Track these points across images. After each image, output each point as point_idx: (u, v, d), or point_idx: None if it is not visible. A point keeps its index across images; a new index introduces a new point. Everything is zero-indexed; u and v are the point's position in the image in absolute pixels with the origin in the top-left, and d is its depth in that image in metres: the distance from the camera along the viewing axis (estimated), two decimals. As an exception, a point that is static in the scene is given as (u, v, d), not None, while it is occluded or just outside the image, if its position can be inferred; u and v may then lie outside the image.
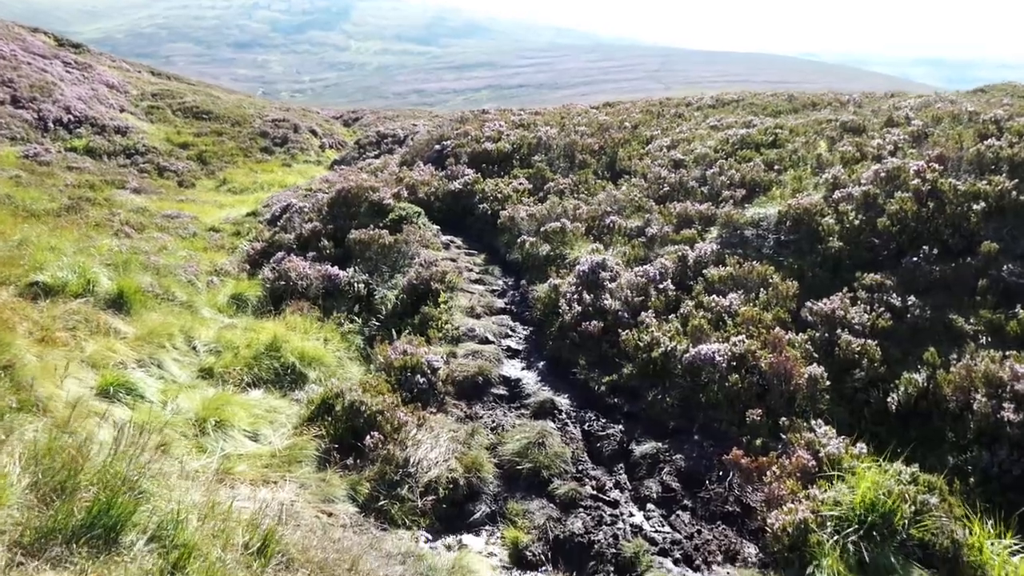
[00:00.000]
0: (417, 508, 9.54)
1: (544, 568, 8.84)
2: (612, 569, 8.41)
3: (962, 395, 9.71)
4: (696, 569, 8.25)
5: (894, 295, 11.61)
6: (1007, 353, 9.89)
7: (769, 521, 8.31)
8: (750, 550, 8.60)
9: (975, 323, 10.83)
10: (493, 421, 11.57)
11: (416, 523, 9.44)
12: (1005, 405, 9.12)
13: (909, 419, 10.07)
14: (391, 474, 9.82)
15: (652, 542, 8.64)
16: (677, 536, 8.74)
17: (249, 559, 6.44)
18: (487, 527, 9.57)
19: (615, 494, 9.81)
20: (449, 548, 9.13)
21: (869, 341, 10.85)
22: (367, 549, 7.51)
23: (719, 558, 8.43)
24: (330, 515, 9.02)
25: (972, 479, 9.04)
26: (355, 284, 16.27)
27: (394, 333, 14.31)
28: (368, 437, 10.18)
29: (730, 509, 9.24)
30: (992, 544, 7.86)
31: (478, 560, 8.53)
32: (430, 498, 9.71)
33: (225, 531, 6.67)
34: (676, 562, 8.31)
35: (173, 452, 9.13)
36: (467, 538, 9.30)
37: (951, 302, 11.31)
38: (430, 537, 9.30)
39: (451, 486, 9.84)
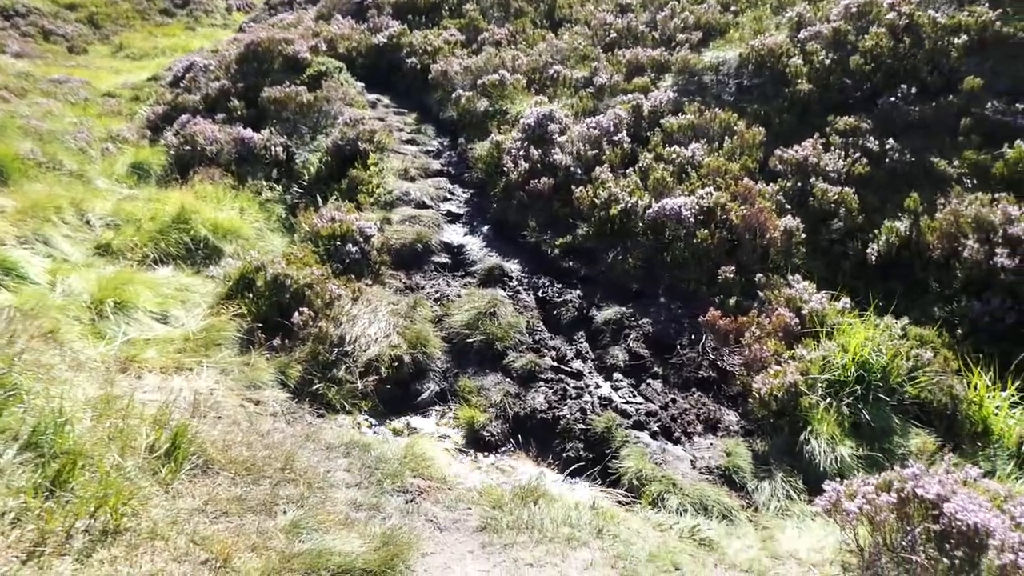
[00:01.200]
0: (357, 390, 8.43)
1: (505, 448, 7.93)
2: (582, 446, 7.54)
3: (948, 242, 8.92)
4: (676, 441, 7.43)
5: (870, 139, 10.64)
6: (995, 196, 9.09)
7: (754, 386, 7.49)
8: (731, 417, 7.82)
9: (959, 166, 9.97)
10: (436, 292, 10.39)
11: (357, 407, 8.36)
12: (998, 251, 8.36)
13: (890, 271, 9.30)
14: (325, 354, 8.62)
15: (624, 415, 7.76)
16: (651, 407, 7.88)
17: (155, 464, 5.23)
18: (437, 407, 8.56)
19: (578, 365, 8.87)
20: (397, 433, 8.11)
21: (846, 189, 9.92)
22: (302, 442, 6.38)
23: (699, 428, 7.63)
24: (257, 403, 7.83)
25: (960, 330, 8.37)
26: (272, 147, 14.48)
27: (320, 200, 12.79)
28: (296, 314, 8.88)
29: (705, 375, 8.41)
30: (991, 396, 7.22)
31: (431, 445, 7.53)
32: (371, 379, 8.60)
33: (124, 432, 5.43)
34: (653, 435, 7.47)
35: (63, 339, 7.71)
36: (416, 420, 8.28)
37: (932, 144, 10.41)
38: (374, 422, 8.25)
39: (394, 364, 8.72)
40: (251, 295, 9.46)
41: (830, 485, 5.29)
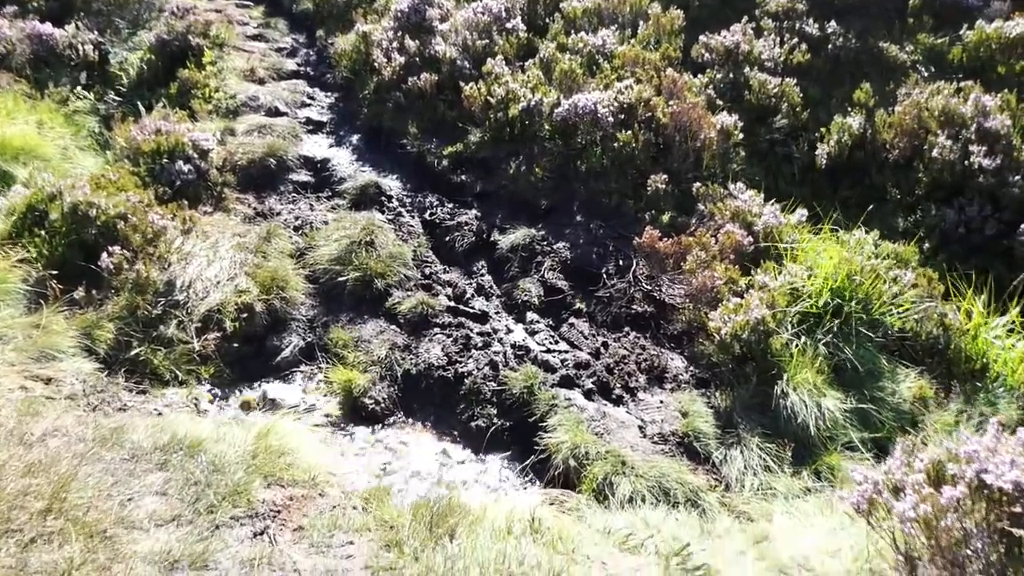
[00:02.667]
0: (194, 352, 6.33)
1: (395, 419, 6.09)
2: (496, 413, 5.80)
3: (910, 140, 7.55)
4: (617, 401, 5.79)
5: (808, 21, 9.09)
6: (960, 84, 7.76)
7: (711, 324, 5.91)
8: (677, 363, 6.26)
9: (912, 51, 8.61)
10: (297, 218, 8.23)
11: (195, 375, 6.28)
12: (973, 148, 7.04)
13: (841, 176, 7.89)
14: (148, 307, 6.42)
15: (547, 368, 6.05)
16: (580, 355, 6.19)
17: None
18: (303, 368, 6.58)
19: (481, 304, 7.04)
20: (249, 407, 6.10)
21: (786, 80, 8.36)
22: (95, 449, 4.29)
23: (642, 380, 6.02)
24: (48, 382, 5.64)
25: (928, 244, 7.08)
26: (80, 46, 11.51)
27: (143, 109, 10.17)
28: (106, 256, 6.57)
29: (640, 310, 6.78)
30: (987, 325, 5.95)
31: (295, 426, 5.60)
32: (213, 336, 6.50)
33: None
34: (588, 394, 5.79)
35: None
36: (275, 388, 6.28)
37: (878, 27, 8.96)
38: (218, 394, 6.21)
39: (243, 315, 6.63)
40: (43, 232, 7.02)
41: (860, 474, 3.76)
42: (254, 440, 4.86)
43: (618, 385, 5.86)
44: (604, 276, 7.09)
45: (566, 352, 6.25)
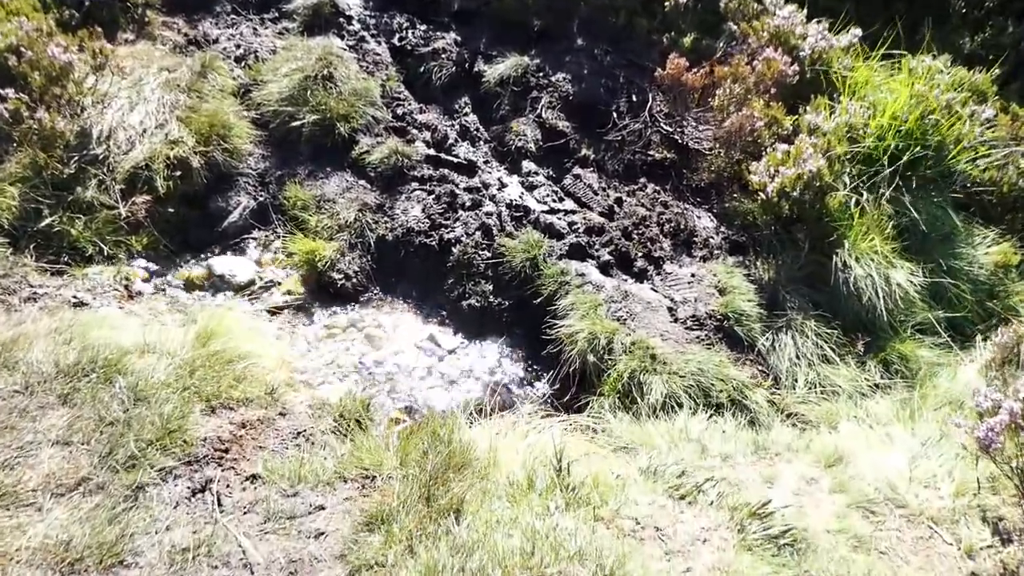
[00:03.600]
0: (121, 220, 5.19)
1: (369, 296, 5.10)
2: (492, 289, 4.82)
3: (984, -62, 6.17)
4: (640, 275, 4.81)
5: None
6: None
7: (754, 179, 4.82)
8: (706, 223, 5.24)
9: None
10: (239, 46, 6.77)
11: (124, 247, 5.18)
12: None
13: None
14: (58, 165, 5.20)
15: (552, 233, 5.00)
16: (591, 217, 5.13)
17: None
18: (256, 235, 5.48)
19: (467, 151, 5.86)
20: (193, 287, 5.06)
21: None
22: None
23: (666, 247, 5.01)
24: (-68, 263, 4.56)
25: (999, 69, 5.89)
26: None
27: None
28: None
29: (658, 156, 5.66)
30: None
31: (246, 315, 4.61)
32: (143, 199, 5.33)
33: None
34: (605, 268, 4.79)
35: None
36: (223, 262, 5.20)
37: None
38: (154, 270, 5.14)
39: (178, 171, 5.42)
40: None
41: (987, 398, 2.87)
42: (194, 343, 3.85)
43: (639, 254, 4.85)
44: (614, 115, 5.88)
45: (573, 212, 5.17)
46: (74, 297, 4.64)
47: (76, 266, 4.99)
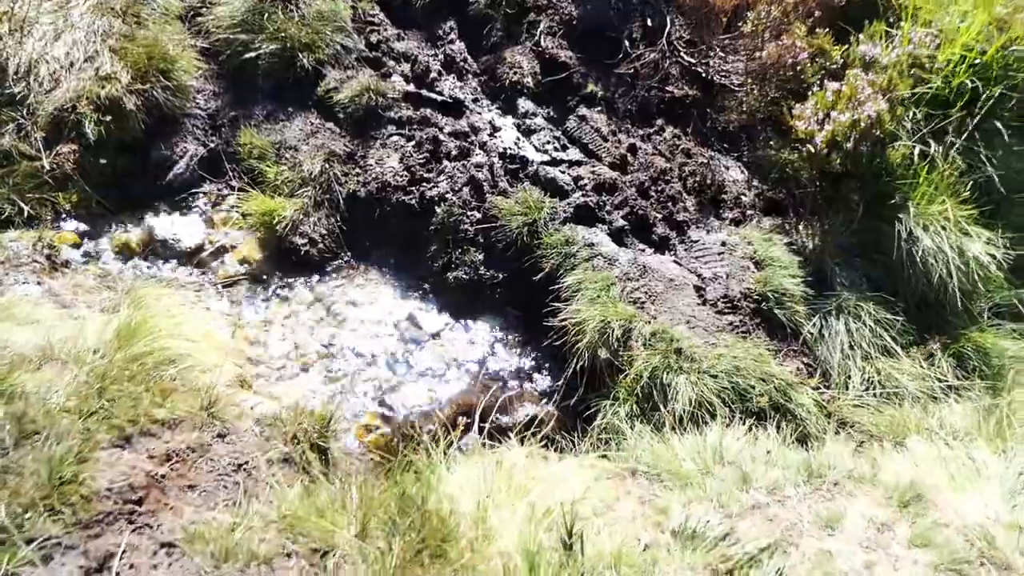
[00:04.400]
0: (45, 173, 4.40)
1: (339, 266, 4.33)
2: (483, 260, 4.05)
3: None
4: (661, 244, 4.03)
5: None
6: None
7: (799, 126, 3.99)
8: (735, 176, 4.43)
9: None
10: (186, -43, 5.77)
11: (49, 206, 4.41)
12: None
13: None
14: None
15: (555, 189, 4.19)
16: (601, 171, 4.30)
17: None
18: (206, 188, 4.67)
19: (453, 87, 4.98)
20: (126, 251, 4.30)
21: None
22: None
23: (690, 207, 4.21)
24: None
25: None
26: None
27: None
28: None
29: (678, 93, 4.81)
30: None
31: (193, 283, 3.87)
32: (69, 148, 4.50)
33: None
34: (619, 235, 4.00)
35: None
36: (164, 222, 4.41)
37: None
38: (85, 231, 4.37)
39: (109, 114, 4.56)
40: None
41: None
42: (114, 342, 3.10)
43: (659, 217, 4.06)
44: (626, 43, 4.99)
45: (579, 163, 4.35)
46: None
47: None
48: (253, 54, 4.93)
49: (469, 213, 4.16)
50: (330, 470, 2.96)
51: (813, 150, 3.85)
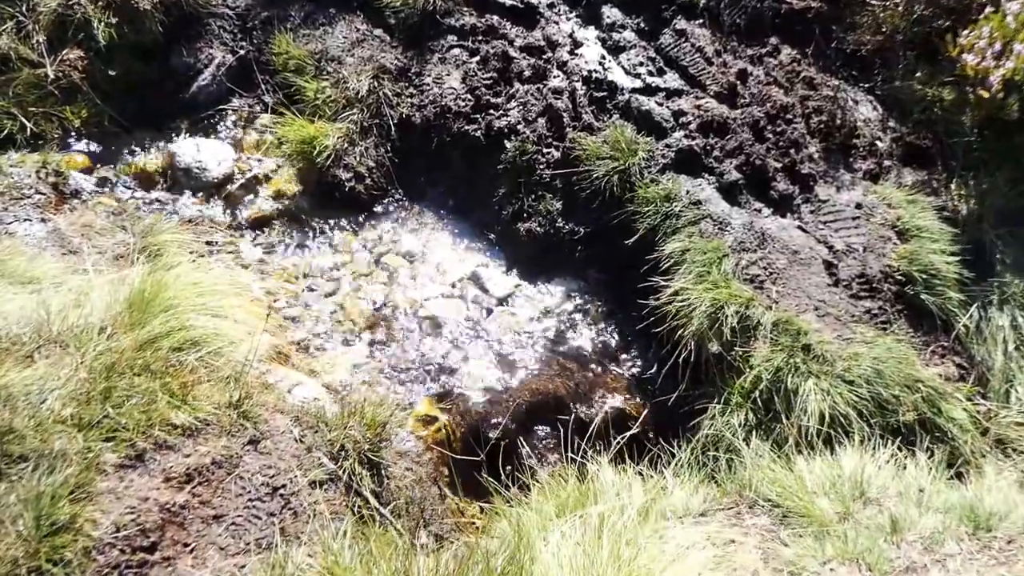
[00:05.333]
0: (46, 83, 3.82)
1: (389, 206, 3.71)
2: (562, 209, 3.39)
3: None
4: (782, 204, 3.31)
5: None
6: None
7: (968, 60, 3.18)
8: (866, 113, 3.65)
9: None
10: None
11: (55, 122, 3.86)
12: None
13: None
14: None
15: (651, 126, 3.45)
16: (707, 105, 3.54)
17: None
18: (235, 104, 4.05)
19: (525, -13, 4.17)
20: (146, 182, 3.69)
21: None
22: None
23: (815, 155, 3.46)
24: None
25: None
26: None
27: None
28: None
29: (796, 3, 3.97)
30: None
31: (220, 223, 3.30)
32: (76, 54, 3.91)
33: None
34: (731, 191, 3.29)
35: None
36: (188, 146, 3.80)
37: None
38: (96, 152, 3.80)
39: (122, 15, 3.89)
40: None
41: None
42: (126, 317, 2.54)
43: (778, 168, 3.34)
44: (735, -61, 4.10)
45: (679, 93, 3.60)
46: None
47: (-12, 152, 3.61)
48: (289, -58, 4.15)
49: (545, 151, 3.48)
50: (383, 487, 2.45)
51: (986, 94, 3.07)
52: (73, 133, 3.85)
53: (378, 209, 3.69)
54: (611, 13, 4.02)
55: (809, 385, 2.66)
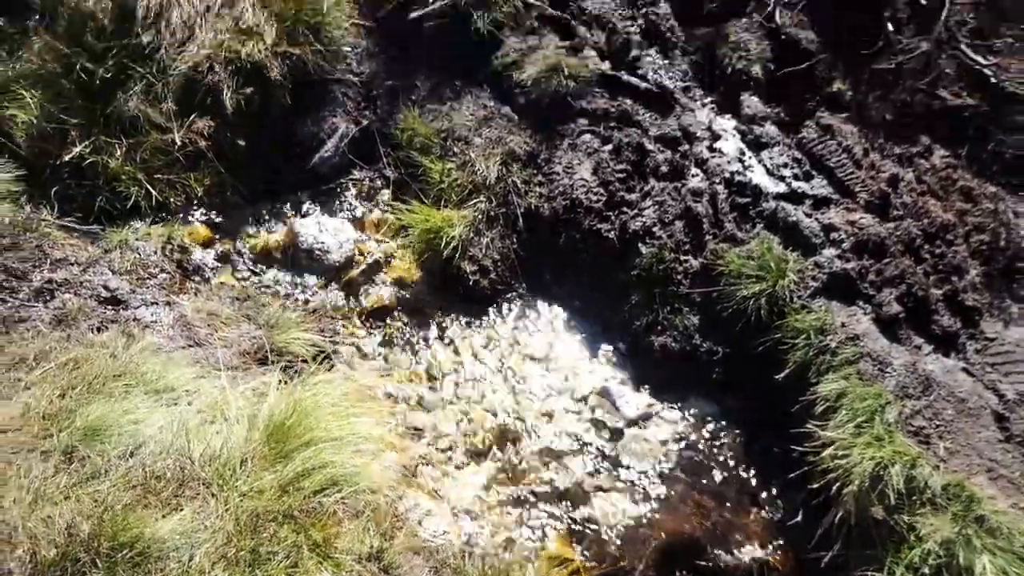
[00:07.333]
0: (173, 150, 3.83)
1: (512, 299, 3.58)
2: (699, 324, 3.23)
3: None
4: (946, 341, 3.04)
5: None
6: None
7: None
8: (1031, 233, 3.39)
9: None
10: None
11: (179, 190, 3.88)
12: None
13: None
14: (88, 57, 3.77)
15: (799, 241, 3.24)
16: (860, 220, 3.30)
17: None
18: (356, 176, 4.06)
19: (656, 68, 3.96)
20: (266, 259, 3.64)
21: None
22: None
23: (975, 278, 3.22)
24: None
25: None
26: None
27: None
28: None
29: (950, 101, 3.71)
30: None
31: (339, 307, 3.21)
32: (204, 123, 3.90)
33: None
34: (889, 325, 3.05)
35: None
36: (309, 223, 3.75)
37: None
38: (219, 224, 3.77)
39: (250, 83, 3.85)
40: None
41: None
42: (263, 446, 2.46)
43: (939, 297, 3.11)
44: (888, 26, 3.86)
45: (828, 201, 3.38)
46: (104, 287, 3.28)
47: (114, 224, 3.59)
48: (418, 10, 4.04)
49: (683, 259, 3.31)
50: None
51: None
52: (195, 202, 3.82)
53: (501, 304, 3.56)
54: (750, 102, 3.81)
55: (984, 562, 2.44)
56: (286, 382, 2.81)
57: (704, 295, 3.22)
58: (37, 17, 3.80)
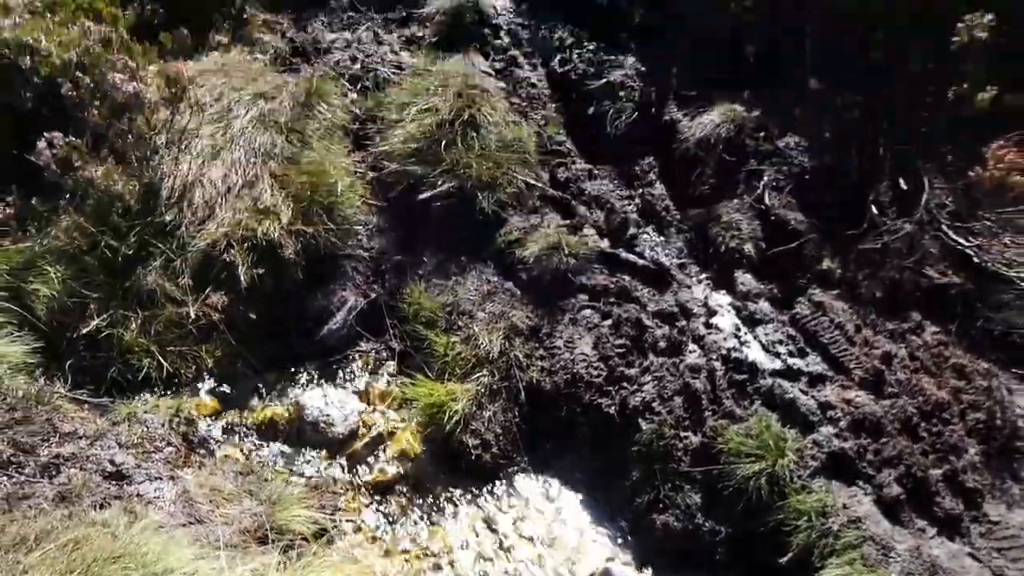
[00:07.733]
0: (187, 322, 3.94)
1: (513, 474, 3.59)
2: (700, 503, 3.21)
3: None
4: (949, 525, 3.02)
5: None
6: None
7: None
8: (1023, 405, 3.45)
9: None
10: (355, 59, 5.26)
11: (190, 361, 4.04)
12: None
13: None
14: (112, 236, 3.97)
15: (796, 419, 3.28)
16: (855, 399, 3.37)
17: None
18: (363, 348, 4.16)
19: (653, 246, 4.19)
20: (271, 431, 3.69)
21: None
22: None
23: (974, 457, 3.23)
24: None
25: None
26: None
27: None
28: (43, 143, 4.00)
29: (937, 279, 3.86)
30: None
31: (342, 483, 3.20)
32: (219, 298, 4.04)
33: None
34: (891, 508, 3.03)
35: None
36: (314, 396, 3.83)
37: None
38: (227, 393, 3.83)
39: (265, 261, 4.03)
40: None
41: None
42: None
43: (939, 478, 3.12)
44: (873, 208, 4.08)
45: (823, 378, 3.46)
46: (110, 461, 3.31)
47: (125, 395, 3.67)
48: (427, 193, 4.30)
49: (683, 435, 3.35)
50: None
51: None
52: (205, 373, 3.92)
53: (503, 478, 3.56)
54: (744, 279, 3.97)
55: None
56: (285, 564, 2.79)
57: (705, 473, 3.23)
58: (68, 196, 3.98)
